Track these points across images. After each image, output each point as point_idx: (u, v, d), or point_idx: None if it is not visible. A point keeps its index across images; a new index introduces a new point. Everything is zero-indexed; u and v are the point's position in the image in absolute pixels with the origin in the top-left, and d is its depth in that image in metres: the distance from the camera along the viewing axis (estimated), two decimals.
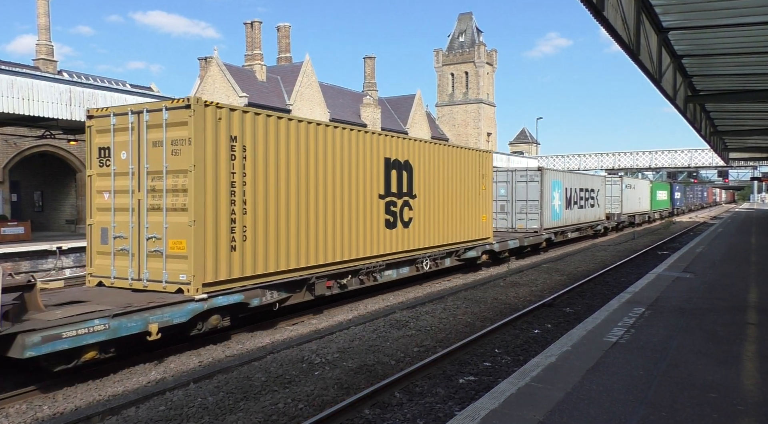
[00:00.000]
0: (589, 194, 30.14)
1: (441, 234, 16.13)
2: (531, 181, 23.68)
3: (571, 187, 27.18)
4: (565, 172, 27.43)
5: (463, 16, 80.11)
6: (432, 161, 15.69)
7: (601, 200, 32.69)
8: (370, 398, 6.90)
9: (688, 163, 62.01)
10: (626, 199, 37.95)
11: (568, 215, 26.77)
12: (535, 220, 23.53)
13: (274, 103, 46.52)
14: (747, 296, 10.05)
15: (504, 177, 24.34)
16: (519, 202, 23.94)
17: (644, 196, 44.54)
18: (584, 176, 30.52)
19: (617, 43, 9.00)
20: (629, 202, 38.96)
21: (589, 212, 30.20)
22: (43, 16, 35.84)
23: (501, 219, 24.11)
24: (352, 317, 12.06)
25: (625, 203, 37.49)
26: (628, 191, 38.70)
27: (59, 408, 7.12)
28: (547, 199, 23.83)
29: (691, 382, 5.53)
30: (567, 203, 26.49)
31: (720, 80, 15.76)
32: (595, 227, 31.90)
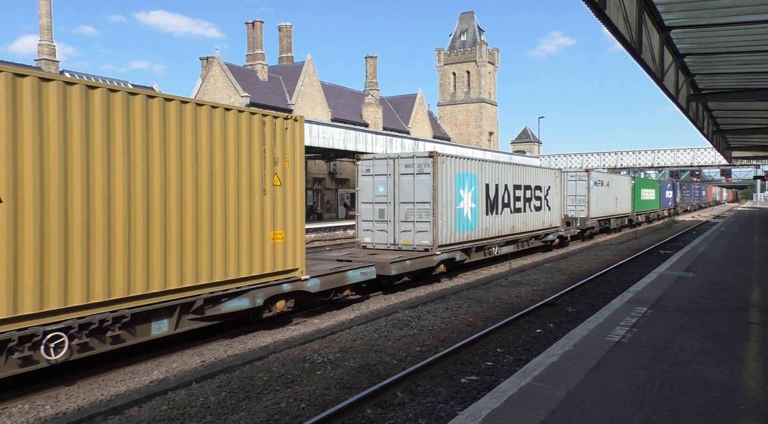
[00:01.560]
0: (532, 194, 22.42)
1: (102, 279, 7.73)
2: (420, 173, 15.99)
3: (497, 183, 19.37)
4: (482, 162, 18.64)
5: (464, 15, 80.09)
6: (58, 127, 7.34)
7: (554, 201, 24.77)
8: (372, 397, 6.91)
9: (691, 162, 61.91)
10: (596, 199, 30.76)
11: (491, 223, 18.94)
12: (426, 232, 15.86)
13: (275, 102, 46.56)
14: (750, 296, 10.03)
15: (384, 167, 16.56)
16: (404, 204, 16.25)
17: (623, 195, 37.14)
18: (521, 169, 21.77)
19: (619, 42, 8.99)
20: (601, 203, 31.76)
21: (531, 218, 22.34)
22: (45, 17, 35.90)
23: (380, 231, 16.62)
24: (354, 316, 12.06)
25: (594, 204, 30.35)
26: (599, 190, 31.57)
27: (62, 408, 7.13)
28: (446, 200, 16.24)
29: (693, 381, 5.52)
30: (489, 207, 18.77)
31: (722, 79, 15.72)
32: (545, 237, 24.04)
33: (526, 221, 21.83)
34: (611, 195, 34.06)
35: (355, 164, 17.44)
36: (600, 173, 32.68)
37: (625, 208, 37.79)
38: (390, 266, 13.86)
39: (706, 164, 62.30)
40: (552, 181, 24.75)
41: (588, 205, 29.76)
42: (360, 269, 12.86)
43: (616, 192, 35.39)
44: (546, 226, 23.99)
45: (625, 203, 37.98)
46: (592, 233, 31.28)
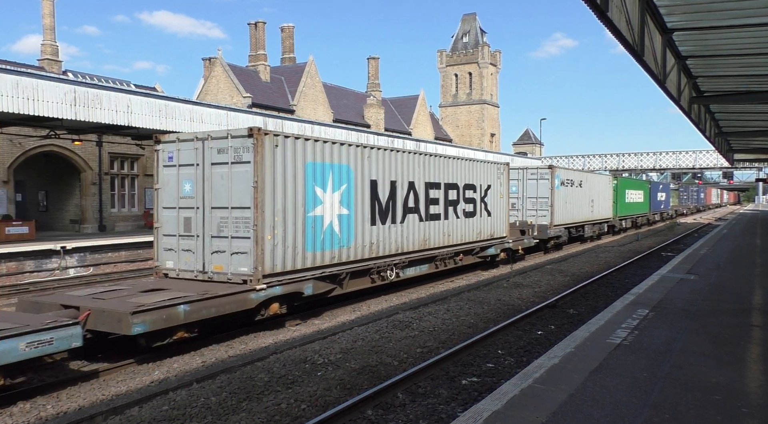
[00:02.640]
0: (459, 195, 16.97)
1: None
2: (238, 161, 10.61)
3: (393, 180, 13.94)
4: (363, 149, 13.04)
5: (467, 16, 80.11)
6: None
7: (496, 205, 19.29)
8: (372, 398, 6.90)
9: (693, 164, 61.82)
10: (563, 202, 25.50)
11: (382, 237, 13.65)
12: (246, 254, 10.53)
13: (277, 103, 46.61)
14: (752, 298, 10.01)
15: (191, 154, 11.18)
16: (216, 211, 10.89)
17: (602, 197, 31.66)
18: (438, 161, 16.03)
19: (621, 44, 8.99)
20: (570, 207, 26.44)
21: (458, 227, 16.96)
22: (48, 17, 35.97)
23: (185, 251, 11.24)
24: (355, 317, 12.06)
25: (560, 209, 25.10)
26: (568, 191, 26.10)
27: (63, 407, 7.14)
28: (284, 204, 10.91)
29: (694, 384, 5.51)
30: (379, 213, 13.50)
31: (725, 81, 15.71)
32: (481, 251, 18.54)
33: (448, 230, 16.41)
34: (585, 197, 28.60)
35: (155, 150, 11.72)
36: (570, 171, 27.39)
37: (604, 212, 32.29)
38: (131, 319, 8.15)
39: (709, 167, 62.20)
40: (493, 179, 19.08)
41: (552, 209, 24.32)
42: (26, 337, 7.03)
43: (593, 194, 29.73)
44: (484, 236, 18.53)
45: (605, 207, 32.41)
46: (558, 243, 25.72)
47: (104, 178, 29.67)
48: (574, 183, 27.02)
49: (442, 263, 16.43)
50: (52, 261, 19.08)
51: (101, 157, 29.26)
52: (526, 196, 24.93)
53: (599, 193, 31.28)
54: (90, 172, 28.97)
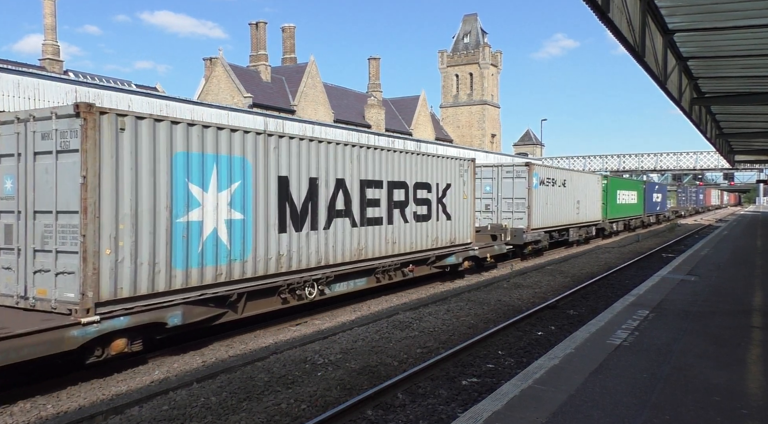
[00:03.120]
0: (408, 195, 14.33)
1: None
2: (64, 150, 7.94)
3: (314, 176, 11.50)
4: (268, 138, 10.52)
5: (467, 17, 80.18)
6: None
7: (459, 206, 16.73)
8: (372, 399, 6.90)
9: (694, 165, 61.85)
10: (543, 203, 23.10)
11: (298, 246, 11.11)
12: (72, 274, 7.74)
13: (278, 103, 46.64)
14: (752, 300, 10.01)
15: (11, 142, 8.43)
16: (41, 216, 8.18)
17: (589, 198, 29.20)
18: (380, 155, 13.49)
19: (622, 45, 8.99)
20: (552, 209, 24.17)
21: (407, 233, 14.33)
22: (50, 16, 36.03)
23: (5, 269, 8.44)
24: (355, 317, 12.06)
25: (539, 210, 22.67)
26: (549, 191, 23.72)
27: (63, 407, 7.14)
28: (138, 207, 8.36)
29: (695, 385, 5.51)
30: (292, 217, 11.00)
31: (726, 82, 15.71)
32: (439, 261, 15.81)
33: (393, 237, 13.74)
34: (570, 198, 26.20)
35: None
36: (550, 169, 24.88)
37: (592, 214, 29.71)
38: None
39: (709, 168, 62.21)
40: (453, 177, 16.47)
41: (529, 211, 21.71)
42: None
43: (578, 194, 27.42)
44: (442, 243, 15.84)
45: (593, 208, 29.94)
46: (537, 248, 23.00)
47: None
48: (556, 182, 24.40)
49: (385, 276, 13.63)
50: None
51: None
52: (501, 197, 22.27)
53: (586, 194, 28.73)
54: None
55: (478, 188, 21.01)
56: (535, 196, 22.06)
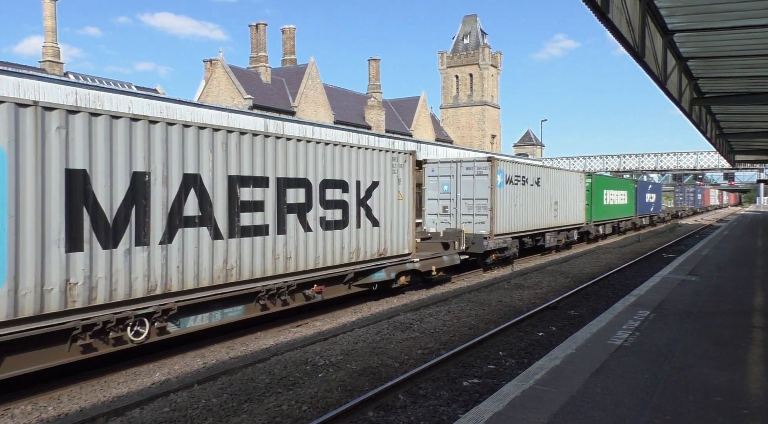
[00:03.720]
0: (313, 197, 11.59)
1: None
2: None
3: (146, 171, 8.49)
4: (66, 115, 7.52)
5: (467, 18, 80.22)
6: None
7: (389, 210, 13.80)
8: (373, 400, 6.90)
9: (694, 165, 61.77)
10: (510, 204, 19.98)
11: (107, 270, 7.92)
12: None
13: (278, 105, 46.67)
14: (753, 300, 10.00)
15: None
16: None
17: (570, 198, 26.05)
18: (262, 144, 10.44)
19: (622, 46, 8.99)
20: (523, 211, 20.93)
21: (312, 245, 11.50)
22: (50, 18, 36.06)
23: None
24: (356, 319, 12.06)
25: (506, 213, 19.60)
26: (518, 190, 20.47)
27: (64, 409, 7.14)
28: None
29: (695, 385, 5.50)
30: (93, 228, 7.80)
31: (726, 82, 15.71)
32: (362, 279, 13.12)
33: (288, 250, 10.88)
34: (545, 199, 23.08)
35: None
36: (520, 165, 21.26)
37: (574, 216, 26.64)
38: None
39: (710, 168, 62.14)
40: (383, 173, 13.57)
41: (492, 213, 18.59)
42: None
43: (557, 194, 24.31)
44: (366, 255, 12.99)
45: (575, 210, 26.86)
46: (504, 257, 19.77)
47: None
48: (527, 181, 21.28)
49: (275, 301, 10.67)
50: None
51: None
52: (461, 198, 19.27)
53: (567, 194, 25.59)
54: None
55: (434, 188, 19.93)
56: (499, 197, 19.06)
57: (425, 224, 19.91)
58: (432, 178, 20.24)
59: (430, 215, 20.16)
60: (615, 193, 33.79)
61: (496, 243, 18.91)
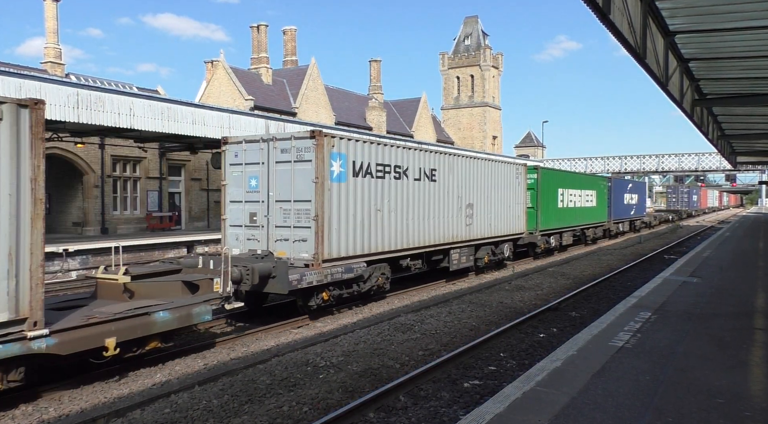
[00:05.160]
0: None
1: None
2: None
3: None
4: None
5: (468, 19, 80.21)
6: None
7: None
8: (374, 401, 6.89)
9: (696, 166, 61.70)
10: (366, 207, 12.94)
11: None
12: None
13: (279, 106, 46.69)
14: (754, 301, 9.98)
15: None
16: None
17: (498, 200, 19.02)
18: None
19: (623, 47, 8.98)
20: (398, 219, 14.01)
21: None
22: (51, 19, 36.11)
23: None
24: (357, 320, 12.05)
25: (354, 223, 12.59)
26: (387, 187, 13.64)
27: (65, 410, 7.14)
28: None
29: (697, 387, 5.49)
30: None
31: (727, 84, 15.69)
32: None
33: None
34: (448, 200, 16.06)
35: None
36: (387, 148, 13.69)
37: (506, 224, 19.59)
38: None
39: (712, 169, 62.05)
40: None
41: (320, 226, 11.70)
42: None
43: (471, 193, 17.25)
44: None
45: (508, 216, 19.72)
46: (345, 294, 12.61)
47: (106, 181, 29.69)
48: (404, 172, 14.06)
49: None
50: (55, 264, 19.09)
51: (103, 160, 29.34)
52: (274, 199, 12.27)
53: (492, 194, 18.53)
54: (92, 175, 29.03)
55: (239, 183, 12.77)
56: (337, 197, 11.98)
57: (227, 243, 12.86)
58: (236, 167, 12.80)
59: (233, 227, 12.91)
60: (577, 193, 27.01)
61: (328, 273, 11.63)
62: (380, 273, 13.61)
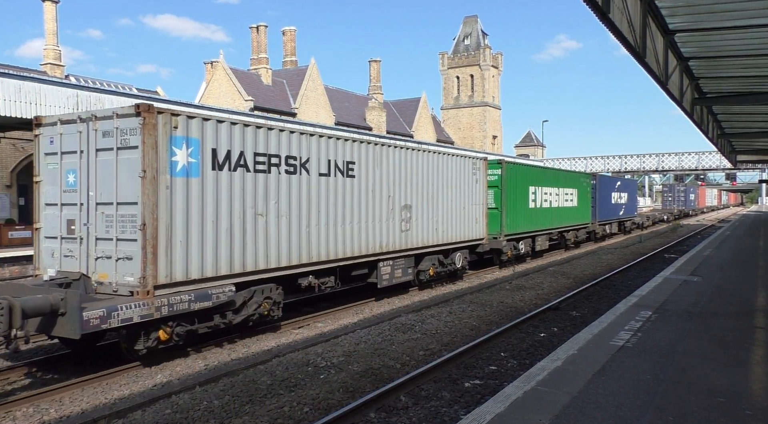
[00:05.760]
0: None
1: None
2: None
3: None
4: None
5: (468, 19, 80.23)
6: None
7: None
8: (375, 401, 6.89)
9: (696, 165, 61.67)
10: (232, 212, 9.52)
11: None
12: None
13: (279, 106, 46.70)
14: (755, 300, 9.98)
15: None
16: None
17: (447, 199, 15.84)
18: None
19: (623, 46, 8.98)
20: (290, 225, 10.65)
21: None
22: (51, 21, 36.13)
23: None
24: (358, 320, 12.05)
25: (212, 233, 9.19)
26: (264, 183, 10.09)
27: (66, 411, 7.14)
28: None
29: (698, 386, 5.49)
30: None
31: (727, 82, 15.69)
32: None
33: None
34: (371, 200, 12.89)
35: None
36: (261, 131, 10.09)
37: (459, 229, 16.39)
38: None
39: (712, 168, 62.01)
40: None
41: (151, 237, 8.28)
42: None
43: (407, 192, 14.15)
44: None
45: (462, 218, 16.53)
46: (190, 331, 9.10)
47: None
48: (308, 166, 11.10)
49: None
50: None
51: None
52: (96, 202, 9.00)
53: (439, 193, 15.37)
54: None
55: (55, 179, 9.46)
56: (181, 199, 8.82)
57: (41, 260, 9.58)
58: (51, 158, 9.61)
59: (48, 239, 9.53)
60: (554, 191, 23.86)
61: (163, 305, 8.41)
62: (264, 297, 10.35)
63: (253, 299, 10.18)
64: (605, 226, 31.97)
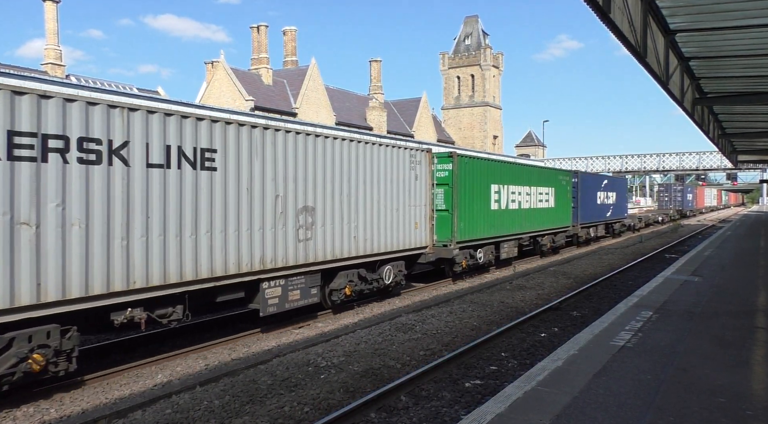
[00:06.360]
0: None
1: None
2: None
3: None
4: None
5: (469, 19, 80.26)
6: None
7: None
8: (376, 401, 6.89)
9: (697, 165, 61.68)
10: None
11: None
12: None
13: (280, 106, 46.73)
14: (756, 300, 9.97)
15: None
16: None
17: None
18: None
19: (624, 46, 8.98)
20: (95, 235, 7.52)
21: None
22: (51, 21, 36.16)
23: None
24: (358, 320, 12.05)
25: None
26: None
27: (66, 411, 7.14)
28: None
29: (699, 386, 5.48)
30: None
31: (728, 82, 15.68)
32: None
33: None
34: (251, 200, 9.74)
35: None
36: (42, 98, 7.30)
37: (389, 237, 13.19)
38: None
39: (713, 168, 62.03)
40: None
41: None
42: None
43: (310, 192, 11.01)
44: None
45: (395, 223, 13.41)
46: None
47: None
48: (126, 153, 7.91)
49: None
50: None
51: None
52: None
53: (358, 191, 12.30)
54: None
55: None
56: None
57: None
58: None
59: None
60: (524, 190, 20.51)
61: None
62: (34, 346, 7.15)
63: (9, 352, 6.92)
64: (589, 229, 28.51)
